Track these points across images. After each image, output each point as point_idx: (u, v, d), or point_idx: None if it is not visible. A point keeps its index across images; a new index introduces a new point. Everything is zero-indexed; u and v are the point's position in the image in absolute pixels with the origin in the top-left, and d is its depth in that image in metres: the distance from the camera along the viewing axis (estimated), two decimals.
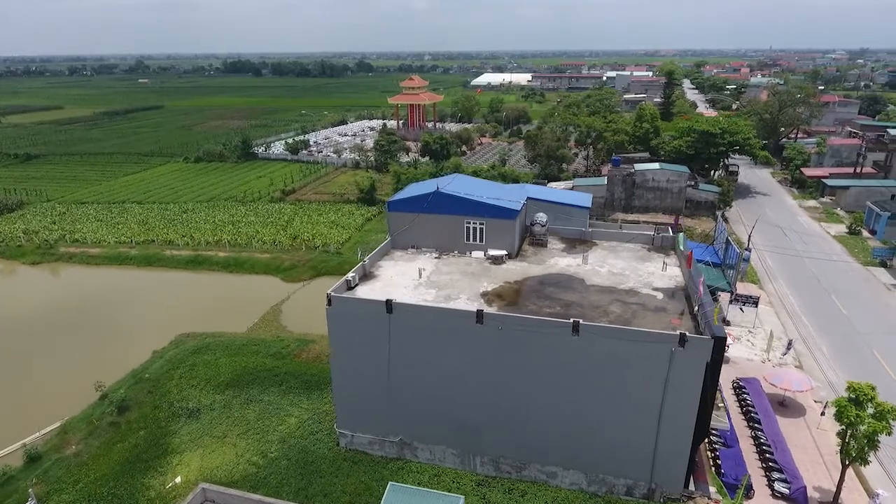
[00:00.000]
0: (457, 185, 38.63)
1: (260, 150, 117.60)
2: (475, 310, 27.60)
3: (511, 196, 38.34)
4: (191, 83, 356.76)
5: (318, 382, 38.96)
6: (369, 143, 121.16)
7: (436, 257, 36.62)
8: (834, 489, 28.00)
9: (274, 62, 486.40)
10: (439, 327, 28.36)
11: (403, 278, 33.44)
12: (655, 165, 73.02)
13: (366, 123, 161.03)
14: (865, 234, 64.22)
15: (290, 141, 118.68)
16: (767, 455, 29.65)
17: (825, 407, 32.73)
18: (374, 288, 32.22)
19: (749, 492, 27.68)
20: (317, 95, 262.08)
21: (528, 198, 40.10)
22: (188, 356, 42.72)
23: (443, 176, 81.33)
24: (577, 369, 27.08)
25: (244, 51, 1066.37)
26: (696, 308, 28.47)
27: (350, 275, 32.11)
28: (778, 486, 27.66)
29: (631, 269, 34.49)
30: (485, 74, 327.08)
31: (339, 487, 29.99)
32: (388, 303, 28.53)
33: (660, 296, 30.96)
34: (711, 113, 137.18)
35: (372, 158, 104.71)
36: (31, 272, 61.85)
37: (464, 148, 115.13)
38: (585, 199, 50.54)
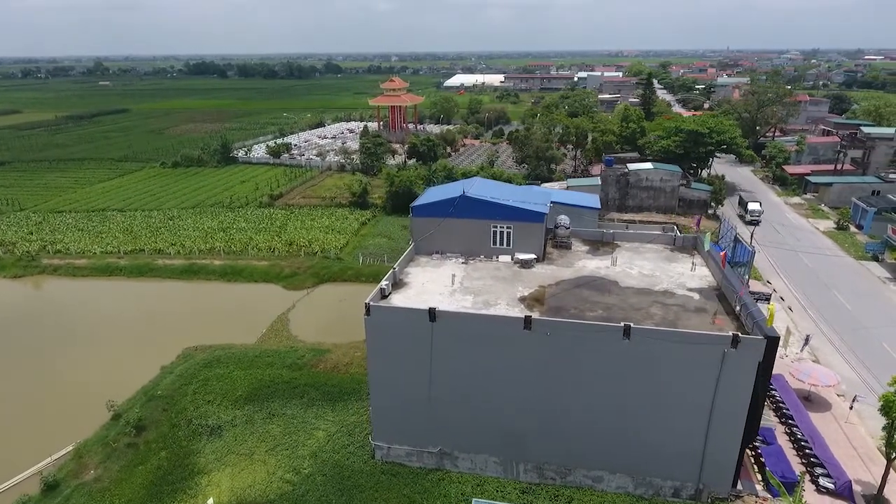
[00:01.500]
0: (479, 188, 38.21)
1: (240, 154, 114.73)
2: (523, 316, 27.20)
3: (535, 199, 38.09)
4: (154, 85, 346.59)
5: (340, 394, 37.95)
6: (351, 145, 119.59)
7: (463, 262, 36.07)
8: (873, 481, 28.61)
9: (239, 64, 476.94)
10: (485, 334, 27.87)
11: (435, 285, 32.81)
12: (649, 165, 74.01)
13: (344, 126, 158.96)
14: (852, 229, 66.37)
15: (271, 144, 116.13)
16: (807, 451, 30.10)
17: (853, 400, 33.46)
18: (409, 296, 31.51)
19: (792, 488, 27.96)
20: (287, 97, 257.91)
21: None
22: (199, 370, 41.10)
23: (435, 178, 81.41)
24: (627, 373, 26.95)
25: (204, 52, 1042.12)
26: (737, 308, 28.69)
27: (384, 283, 31.32)
28: (823, 481, 28.09)
29: (660, 270, 34.62)
30: (457, 75, 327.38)
31: (381, 502, 29.17)
32: (432, 311, 27.88)
33: (696, 296, 31.13)
34: (686, 112, 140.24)
35: (357, 161, 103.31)
36: (15, 286, 58.68)
37: (448, 149, 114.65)
38: (594, 200, 50.97)
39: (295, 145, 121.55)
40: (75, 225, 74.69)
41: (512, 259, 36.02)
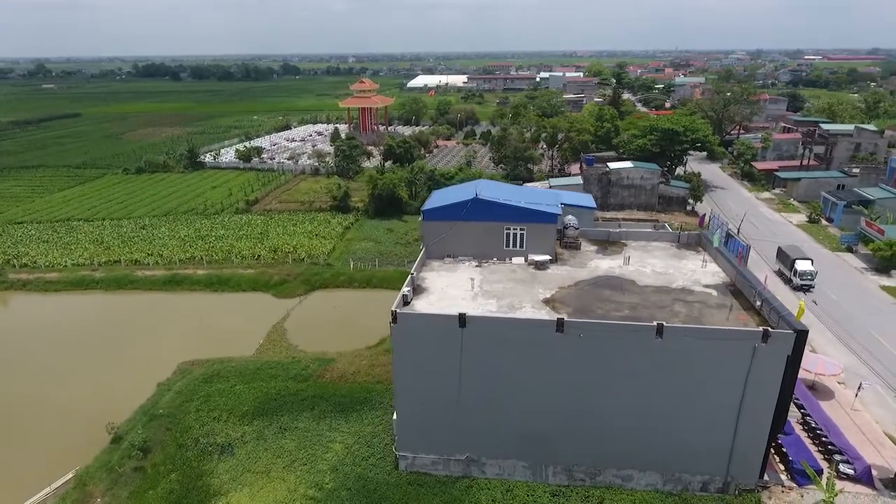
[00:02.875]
0: (489, 189, 37.92)
1: (208, 159, 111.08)
2: (555, 318, 27.05)
3: (544, 199, 38.08)
4: (103, 88, 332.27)
5: (351, 403, 36.98)
6: (322, 147, 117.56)
7: (476, 265, 35.73)
8: (887, 465, 29.72)
9: (192, 65, 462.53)
10: (516, 338, 27.58)
11: (455, 289, 32.34)
12: (629, 164, 75.39)
13: (311, 128, 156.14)
14: (823, 222, 69.27)
15: (241, 148, 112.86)
16: (823, 438, 31.03)
17: (859, 388, 34.76)
18: (431, 301, 30.95)
19: (818, 476, 28.78)
20: (247, 99, 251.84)
21: None
22: (200, 386, 39.36)
23: (417, 180, 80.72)
24: (659, 371, 27.13)
25: (151, 54, 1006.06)
26: (758, 303, 29.30)
27: (405, 289, 30.61)
28: (843, 467, 28.95)
29: (672, 267, 35.11)
30: (419, 77, 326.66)
31: None
32: (462, 316, 27.41)
33: (714, 293, 31.68)
34: (651, 112, 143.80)
35: (332, 164, 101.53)
36: None
37: (422, 151, 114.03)
38: (589, 200, 51.41)
39: (265, 149, 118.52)
40: (39, 237, 70.61)
41: (525, 261, 35.89)
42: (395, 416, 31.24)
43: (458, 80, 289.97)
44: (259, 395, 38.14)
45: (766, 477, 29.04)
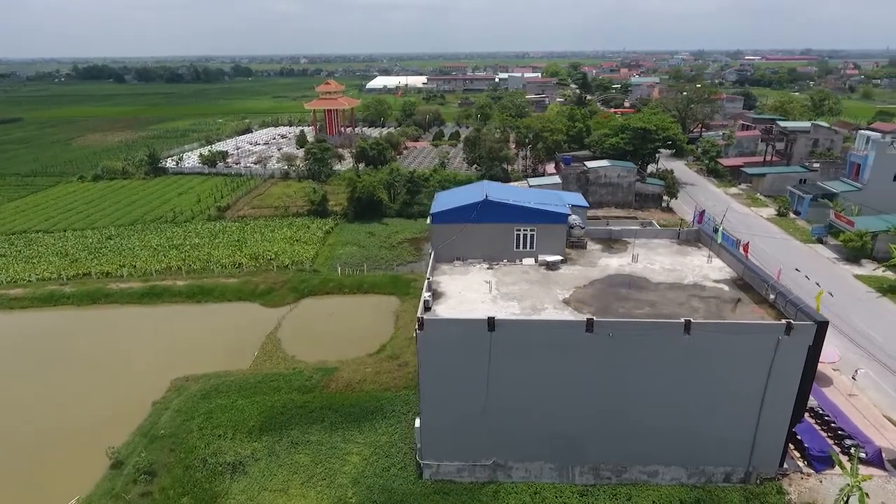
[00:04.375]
0: (495, 191, 37.67)
1: (170, 164, 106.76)
2: (584, 319, 27.04)
3: (551, 199, 38.14)
4: (42, 91, 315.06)
5: (362, 413, 36.07)
6: (290, 151, 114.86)
7: (487, 268, 35.43)
8: (891, 447, 31.07)
9: (138, 67, 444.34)
10: (545, 340, 27.44)
11: (472, 293, 31.95)
12: (606, 162, 76.73)
13: (273, 131, 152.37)
14: (791, 215, 72.31)
15: (205, 152, 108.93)
16: (831, 424, 32.18)
17: (856, 373, 36.28)
18: (451, 306, 30.45)
19: (832, 461, 29.81)
20: (201, 101, 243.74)
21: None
22: (199, 403, 37.57)
23: (396, 182, 79.72)
24: (685, 367, 27.52)
25: (89, 55, 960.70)
26: (771, 296, 30.11)
27: (426, 295, 30.01)
28: (854, 452, 30.04)
29: (679, 264, 35.74)
30: (377, 78, 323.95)
31: None
32: (491, 320, 27.06)
33: (725, 287, 32.40)
34: (614, 111, 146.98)
35: (303, 167, 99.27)
36: None
37: (392, 153, 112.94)
38: (581, 199, 51.96)
39: (230, 153, 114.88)
40: None
41: (536, 261, 35.83)
42: (417, 424, 30.61)
43: (418, 81, 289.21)
44: (263, 409, 36.71)
45: (785, 465, 29.88)
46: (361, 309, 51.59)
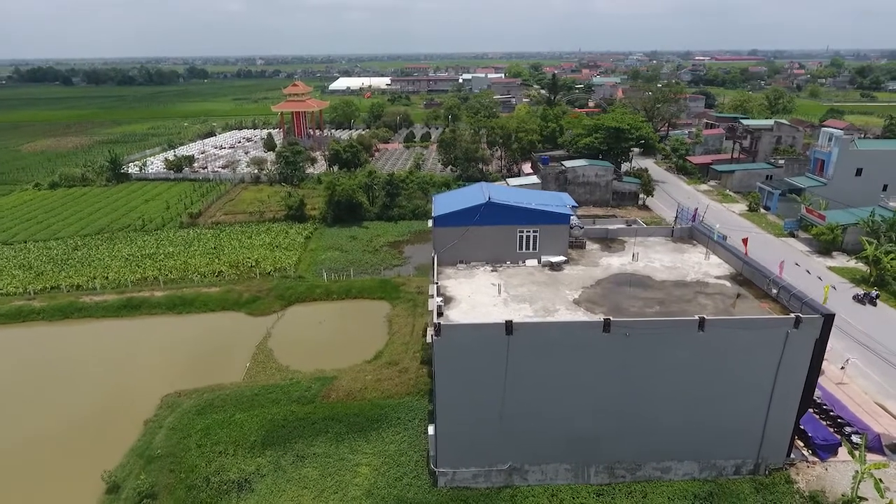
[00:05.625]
0: (496, 193, 37.47)
1: (134, 170, 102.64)
2: (602, 319, 27.11)
3: (552, 201, 38.22)
4: None
5: (366, 422, 35.29)
6: (257, 154, 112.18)
7: (492, 270, 35.22)
8: (885, 432, 32.33)
9: (86, 69, 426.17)
10: (563, 342, 27.38)
11: (482, 296, 31.70)
12: (584, 162, 77.71)
13: (238, 134, 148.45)
14: (762, 210, 74.83)
15: (170, 157, 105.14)
16: (830, 413, 33.26)
17: (845, 362, 37.64)
18: (463, 310, 30.12)
19: (836, 450, 30.83)
20: (157, 104, 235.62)
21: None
22: (194, 419, 36.04)
23: (375, 185, 78.61)
24: (699, 363, 27.93)
25: (30, 56, 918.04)
26: (774, 291, 30.89)
27: (438, 300, 29.56)
28: (855, 438, 31.13)
29: (679, 261, 36.36)
30: (340, 79, 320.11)
31: None
32: (509, 324, 26.83)
33: (727, 283, 33.11)
34: (580, 110, 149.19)
35: (274, 171, 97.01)
36: None
37: (365, 155, 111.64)
38: (570, 199, 52.20)
39: (196, 157, 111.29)
40: None
41: (539, 262, 35.83)
42: (430, 432, 30.11)
43: (381, 82, 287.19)
44: (264, 422, 35.49)
45: (792, 455, 30.69)
46: (352, 315, 50.62)
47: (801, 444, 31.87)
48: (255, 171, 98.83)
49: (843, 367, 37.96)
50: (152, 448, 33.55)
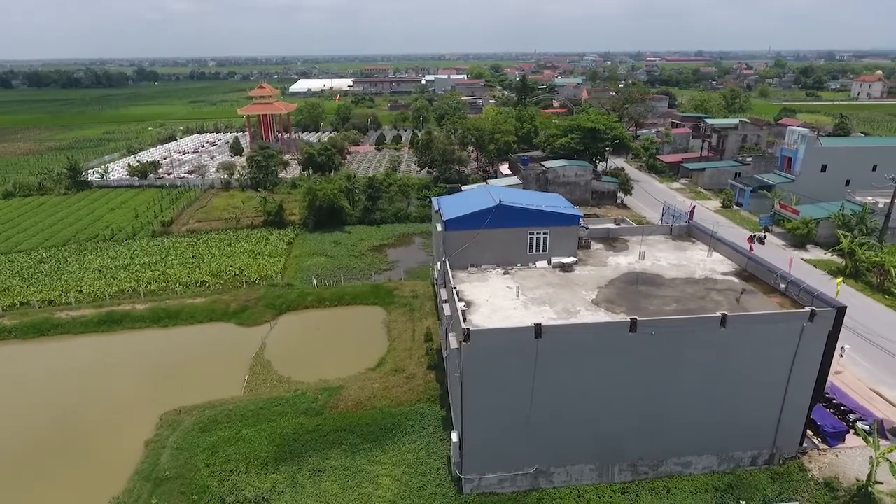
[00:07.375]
0: (505, 195, 37.35)
1: (95, 178, 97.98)
2: (628, 319, 27.31)
3: (556, 202, 38.38)
4: None
5: (380, 432, 34.58)
6: (224, 158, 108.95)
7: (503, 273, 35.09)
8: (883, 416, 33.80)
9: (27, 71, 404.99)
10: (591, 343, 27.45)
11: (501, 300, 31.54)
12: (564, 162, 78.60)
13: (200, 138, 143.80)
14: (735, 206, 77.38)
15: (133, 163, 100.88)
16: (833, 401, 34.52)
17: (842, 350, 39.15)
18: (485, 314, 29.89)
19: (843, 437, 32.00)
20: (107, 108, 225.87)
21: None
22: (199, 437, 34.51)
23: (356, 189, 77.40)
24: (720, 359, 28.49)
25: None
26: (782, 286, 31.86)
27: (461, 306, 29.18)
28: (860, 425, 32.38)
29: (683, 259, 37.09)
30: (301, 81, 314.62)
31: None
32: (538, 327, 26.71)
33: (735, 280, 33.95)
34: (544, 111, 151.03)
35: (246, 176, 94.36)
36: None
37: (339, 158, 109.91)
38: (564, 200, 52.64)
39: (161, 163, 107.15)
40: None
41: (549, 264, 35.91)
42: (454, 439, 29.75)
43: (343, 83, 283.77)
44: (273, 437, 34.30)
45: (805, 444, 31.69)
46: (348, 322, 49.60)
47: (811, 432, 32.93)
48: (225, 176, 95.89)
49: (840, 355, 39.42)
50: (158, 470, 31.93)
